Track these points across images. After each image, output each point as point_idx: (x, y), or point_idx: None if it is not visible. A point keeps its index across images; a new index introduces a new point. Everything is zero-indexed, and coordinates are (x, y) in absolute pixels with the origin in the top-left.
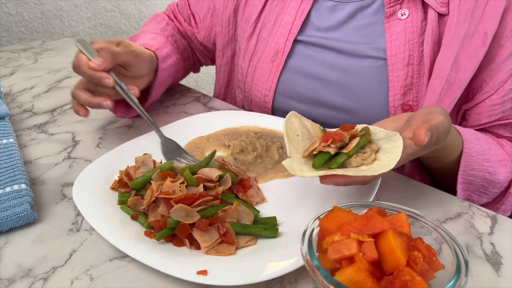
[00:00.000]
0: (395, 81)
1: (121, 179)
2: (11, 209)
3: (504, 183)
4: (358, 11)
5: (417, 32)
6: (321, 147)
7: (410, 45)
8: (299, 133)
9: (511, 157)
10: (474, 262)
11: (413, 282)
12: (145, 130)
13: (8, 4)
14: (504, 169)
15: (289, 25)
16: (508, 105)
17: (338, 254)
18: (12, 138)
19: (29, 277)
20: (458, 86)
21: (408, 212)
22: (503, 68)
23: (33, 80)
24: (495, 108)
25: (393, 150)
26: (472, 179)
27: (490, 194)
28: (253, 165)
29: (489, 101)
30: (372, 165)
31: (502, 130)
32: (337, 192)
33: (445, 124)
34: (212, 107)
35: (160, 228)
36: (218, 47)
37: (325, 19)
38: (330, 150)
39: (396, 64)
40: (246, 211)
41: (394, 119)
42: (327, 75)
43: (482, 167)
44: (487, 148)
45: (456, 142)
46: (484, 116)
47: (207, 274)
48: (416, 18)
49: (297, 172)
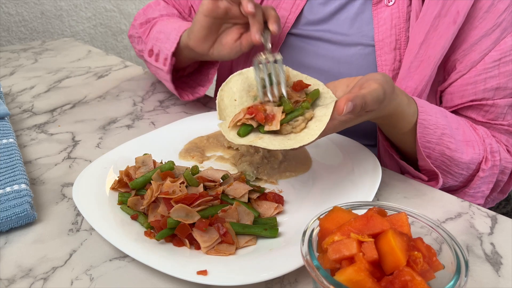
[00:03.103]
0: (383, 65)
1: (121, 179)
2: (11, 209)
3: (471, 165)
4: (348, 2)
5: (403, 18)
6: (244, 119)
7: (396, 30)
8: (237, 97)
9: (481, 139)
10: (474, 262)
11: (413, 282)
12: (145, 130)
13: (8, 4)
14: (472, 149)
15: (283, 19)
16: (480, 86)
17: (338, 254)
18: (12, 138)
19: (29, 277)
20: (427, 63)
21: (408, 212)
22: (476, 48)
23: (33, 80)
24: (467, 89)
25: (323, 119)
26: (429, 152)
27: (455, 175)
28: (262, 166)
29: (461, 80)
30: (299, 133)
31: (475, 114)
32: (337, 192)
33: (377, 93)
34: (212, 107)
35: (160, 228)
36: None
37: (317, 12)
38: (253, 123)
39: (384, 49)
40: (246, 211)
41: (347, 82)
42: (318, 65)
43: (441, 140)
44: (451, 125)
45: (408, 111)
46: (456, 97)
47: (207, 274)
48: (402, 4)
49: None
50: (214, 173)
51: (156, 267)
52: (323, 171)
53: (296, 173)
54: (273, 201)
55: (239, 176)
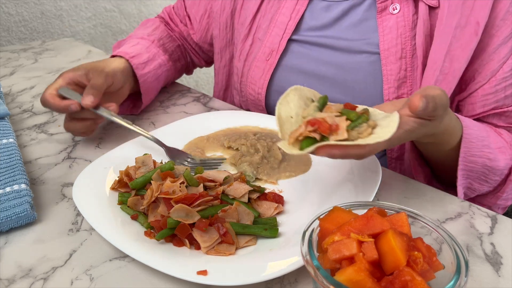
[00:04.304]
0: (388, 75)
1: (121, 179)
2: (11, 209)
3: (505, 170)
4: (351, 8)
5: (409, 26)
6: (307, 132)
7: (402, 39)
8: (293, 114)
9: (509, 144)
10: (474, 262)
11: (413, 282)
12: (145, 130)
13: (8, 4)
14: (504, 155)
15: (283, 25)
16: (501, 94)
17: (338, 254)
18: (12, 138)
19: (29, 277)
20: (452, 77)
21: (408, 212)
22: (494, 57)
23: (33, 80)
24: (488, 98)
25: (391, 124)
26: (472, 166)
27: (491, 182)
28: (261, 166)
29: (481, 90)
30: (368, 138)
31: (496, 120)
32: (337, 192)
33: (442, 97)
34: (212, 107)
35: (160, 228)
36: (216, 49)
37: (319, 18)
38: (316, 136)
39: (389, 58)
40: (246, 211)
41: (393, 103)
42: (322, 72)
43: (482, 153)
44: (485, 135)
45: (455, 126)
46: (477, 106)
47: (207, 274)
48: (408, 12)
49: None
50: (216, 174)
51: (156, 267)
52: (323, 171)
53: (296, 173)
54: (273, 201)
55: (239, 176)
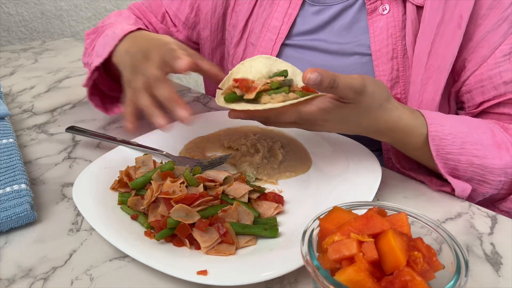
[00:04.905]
0: (381, 75)
1: (121, 179)
2: (11, 209)
3: (509, 169)
4: (341, 11)
5: (399, 26)
6: (231, 86)
7: (393, 39)
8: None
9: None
10: (474, 262)
11: (413, 282)
12: (145, 130)
13: (8, 4)
14: (505, 152)
15: (276, 29)
16: (498, 80)
17: (338, 254)
18: (12, 138)
19: (29, 277)
20: (439, 74)
21: (408, 212)
22: (484, 44)
23: (33, 80)
24: (484, 85)
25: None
26: (455, 164)
27: (492, 183)
28: (261, 166)
29: (473, 77)
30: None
31: (507, 109)
32: (337, 192)
33: (353, 81)
34: (212, 107)
35: (160, 228)
36: (206, 50)
37: (310, 22)
38: (236, 91)
39: (381, 59)
40: (246, 211)
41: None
42: None
43: (463, 150)
44: (467, 130)
45: (413, 124)
46: (476, 94)
47: (207, 274)
48: (397, 12)
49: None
50: (216, 174)
51: (156, 267)
52: (323, 171)
53: (296, 173)
54: (273, 201)
55: (239, 176)
